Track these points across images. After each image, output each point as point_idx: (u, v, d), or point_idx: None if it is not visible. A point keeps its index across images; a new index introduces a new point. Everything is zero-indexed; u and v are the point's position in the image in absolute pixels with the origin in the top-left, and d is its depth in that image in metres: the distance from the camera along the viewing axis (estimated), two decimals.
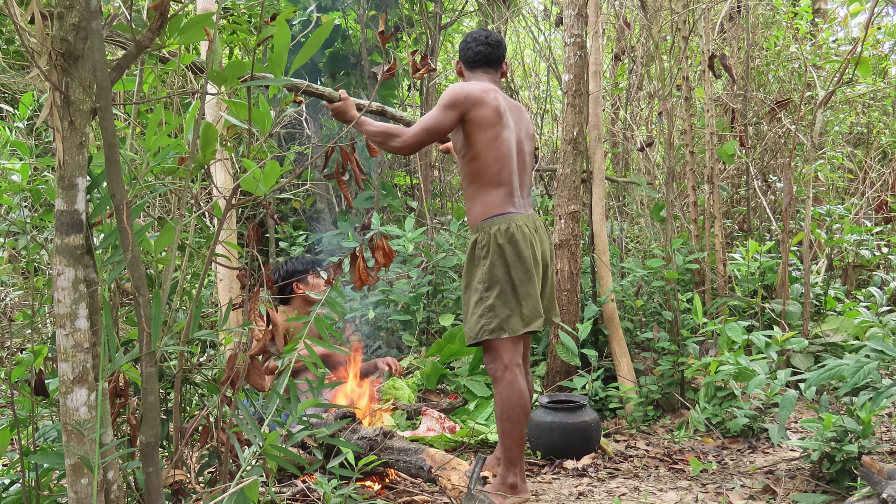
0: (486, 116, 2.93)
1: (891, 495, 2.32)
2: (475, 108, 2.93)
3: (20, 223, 2.26)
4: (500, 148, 2.95)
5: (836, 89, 4.50)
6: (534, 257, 2.94)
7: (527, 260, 2.91)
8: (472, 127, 2.94)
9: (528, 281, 2.90)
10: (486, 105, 2.93)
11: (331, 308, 2.34)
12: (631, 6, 5.83)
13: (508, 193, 2.98)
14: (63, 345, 1.65)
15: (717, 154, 4.88)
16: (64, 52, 1.60)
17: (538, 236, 3.01)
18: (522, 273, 2.90)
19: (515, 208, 2.99)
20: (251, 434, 2.08)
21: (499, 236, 2.90)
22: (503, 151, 2.96)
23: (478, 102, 2.93)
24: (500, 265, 2.89)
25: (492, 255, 2.90)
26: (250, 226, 2.32)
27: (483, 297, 2.90)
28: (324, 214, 7.06)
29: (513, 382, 2.87)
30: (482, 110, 2.93)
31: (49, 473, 2.13)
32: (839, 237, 5.44)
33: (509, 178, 2.98)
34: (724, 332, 3.88)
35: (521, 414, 2.87)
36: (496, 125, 2.94)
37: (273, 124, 2.13)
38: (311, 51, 2.00)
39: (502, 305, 2.88)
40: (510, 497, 2.84)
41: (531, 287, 2.91)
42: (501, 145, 2.95)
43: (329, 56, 7.05)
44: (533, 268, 2.92)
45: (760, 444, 3.60)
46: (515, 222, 2.93)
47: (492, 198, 2.96)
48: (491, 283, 2.89)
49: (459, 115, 2.94)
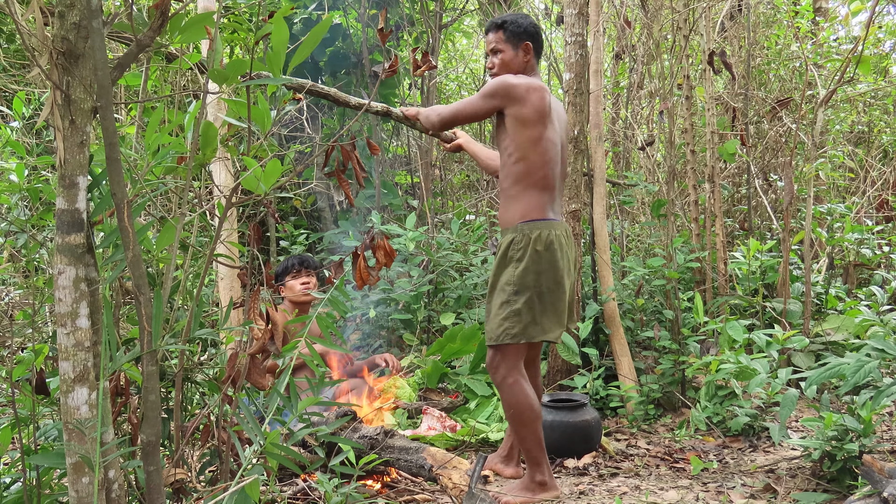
0: (528, 115, 2.85)
1: (892, 494, 2.32)
2: (517, 105, 2.86)
3: (19, 222, 2.26)
4: (547, 150, 2.88)
5: (837, 88, 4.50)
6: (567, 268, 2.91)
7: (560, 270, 2.86)
8: (514, 125, 2.86)
9: (556, 290, 2.86)
10: (529, 103, 2.85)
11: (333, 307, 2.34)
12: (632, 5, 5.83)
13: (550, 199, 2.91)
14: (64, 343, 1.65)
15: (718, 153, 4.88)
16: (65, 51, 1.60)
17: (569, 244, 2.96)
18: (553, 283, 2.85)
19: (555, 215, 2.93)
20: (252, 433, 2.08)
21: (538, 242, 2.84)
22: (550, 154, 2.89)
23: (521, 100, 2.85)
24: (533, 271, 2.84)
25: (527, 259, 2.84)
26: (251, 225, 2.32)
27: (511, 300, 2.85)
28: (325, 213, 7.06)
29: (515, 386, 2.86)
30: (525, 108, 2.85)
31: (50, 472, 2.13)
32: (840, 236, 5.44)
33: (553, 182, 2.92)
34: (724, 330, 3.88)
35: (531, 415, 2.85)
36: (538, 125, 2.86)
37: (273, 123, 2.13)
38: (310, 48, 2.00)
39: (528, 311, 2.83)
40: (539, 494, 2.85)
41: (558, 297, 2.87)
42: (548, 147, 2.88)
43: (330, 55, 7.05)
44: (564, 279, 2.88)
45: (761, 442, 3.59)
46: (555, 230, 2.88)
47: (535, 200, 2.88)
48: (521, 288, 2.84)
49: (497, 106, 2.88)
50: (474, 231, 5.57)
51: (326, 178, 3.21)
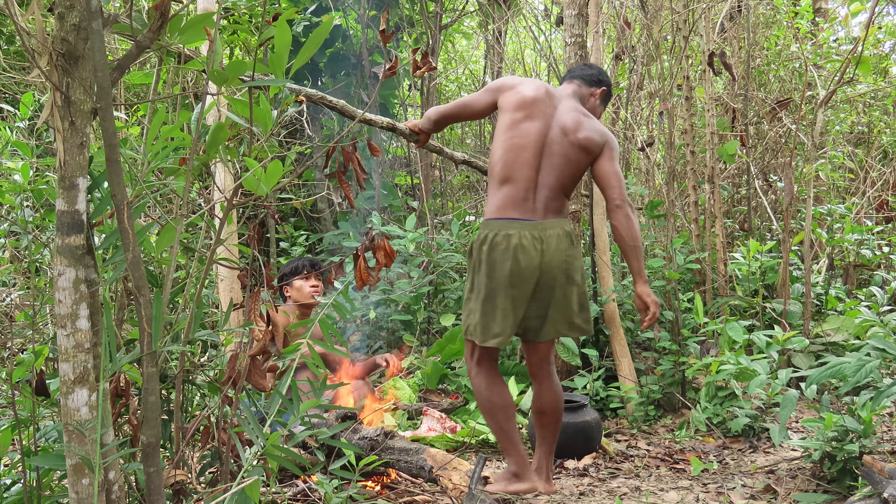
0: (507, 102, 2.88)
1: (892, 495, 2.32)
2: (503, 93, 2.91)
3: (22, 223, 2.26)
4: (507, 142, 2.83)
5: (837, 89, 4.50)
6: (515, 271, 2.75)
7: (499, 274, 2.76)
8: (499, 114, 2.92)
9: (494, 296, 2.77)
10: (514, 92, 2.88)
11: (336, 310, 2.34)
12: (631, 6, 5.83)
13: (512, 195, 2.80)
14: (64, 345, 1.65)
15: (718, 153, 4.88)
16: (65, 53, 1.60)
17: (541, 247, 2.76)
18: (490, 286, 2.78)
19: (518, 213, 2.79)
20: (252, 434, 2.08)
21: (482, 243, 2.80)
22: (516, 144, 2.82)
23: (507, 88, 2.91)
24: (473, 271, 2.86)
25: (473, 259, 2.86)
26: (251, 226, 2.32)
27: (467, 297, 2.89)
28: (325, 214, 7.06)
29: (474, 380, 2.89)
30: (507, 96, 2.89)
31: (50, 474, 2.13)
32: (840, 237, 5.44)
33: (515, 177, 2.81)
34: (725, 331, 3.88)
35: (492, 409, 2.86)
36: (514, 111, 2.85)
37: (275, 124, 2.13)
38: (311, 51, 2.00)
39: (474, 311, 2.83)
40: (513, 485, 2.86)
41: (498, 302, 2.77)
42: (515, 137, 2.82)
43: (330, 56, 7.05)
44: (506, 282, 2.75)
45: (761, 443, 3.59)
46: (505, 231, 2.77)
47: (493, 198, 2.84)
48: (471, 286, 2.87)
49: (492, 100, 2.95)
50: (474, 232, 5.57)
51: (327, 180, 3.21)
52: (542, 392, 2.98)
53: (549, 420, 2.98)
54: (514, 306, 2.79)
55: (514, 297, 2.78)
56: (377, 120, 3.27)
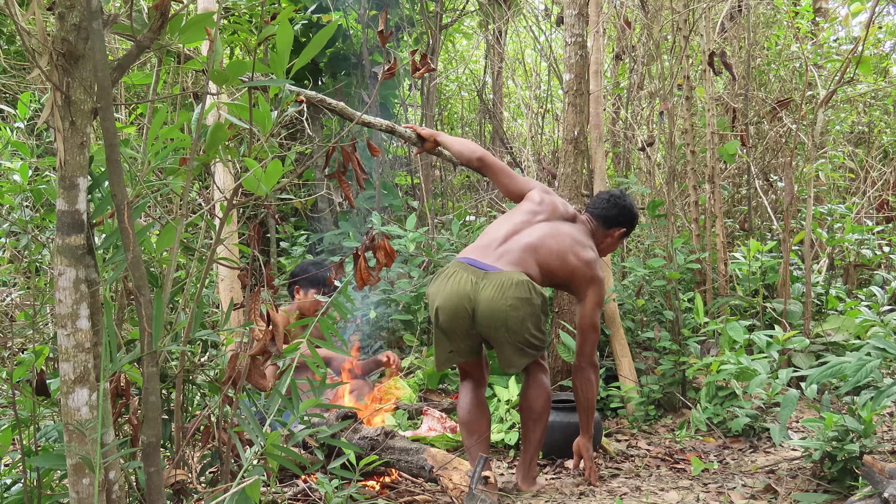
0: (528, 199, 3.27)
1: (892, 494, 2.32)
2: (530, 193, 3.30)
3: (21, 223, 2.26)
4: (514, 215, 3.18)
5: (837, 88, 4.49)
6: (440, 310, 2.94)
7: (430, 310, 3.02)
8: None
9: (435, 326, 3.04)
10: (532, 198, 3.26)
11: (337, 310, 2.34)
12: (632, 6, 5.83)
13: (478, 243, 3.08)
14: (64, 345, 1.65)
15: (719, 153, 4.88)
16: (65, 52, 1.60)
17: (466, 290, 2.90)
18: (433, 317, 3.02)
19: (473, 257, 3.00)
20: (253, 434, 2.08)
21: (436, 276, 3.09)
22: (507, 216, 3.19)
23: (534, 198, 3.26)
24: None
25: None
26: (252, 226, 2.32)
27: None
28: (325, 214, 7.06)
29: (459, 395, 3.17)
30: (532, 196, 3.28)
31: (50, 473, 2.13)
32: (840, 236, 5.44)
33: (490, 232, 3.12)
34: (725, 331, 3.88)
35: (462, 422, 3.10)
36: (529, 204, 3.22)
37: (274, 125, 2.13)
38: (314, 52, 2.00)
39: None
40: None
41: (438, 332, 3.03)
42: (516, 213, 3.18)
43: (330, 56, 7.05)
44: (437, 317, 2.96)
45: (762, 443, 3.59)
46: (449, 269, 3.00)
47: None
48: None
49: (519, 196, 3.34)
50: (474, 232, 5.56)
51: (327, 180, 3.21)
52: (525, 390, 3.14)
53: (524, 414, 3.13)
54: (448, 339, 3.01)
55: (444, 330, 2.99)
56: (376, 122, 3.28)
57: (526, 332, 2.93)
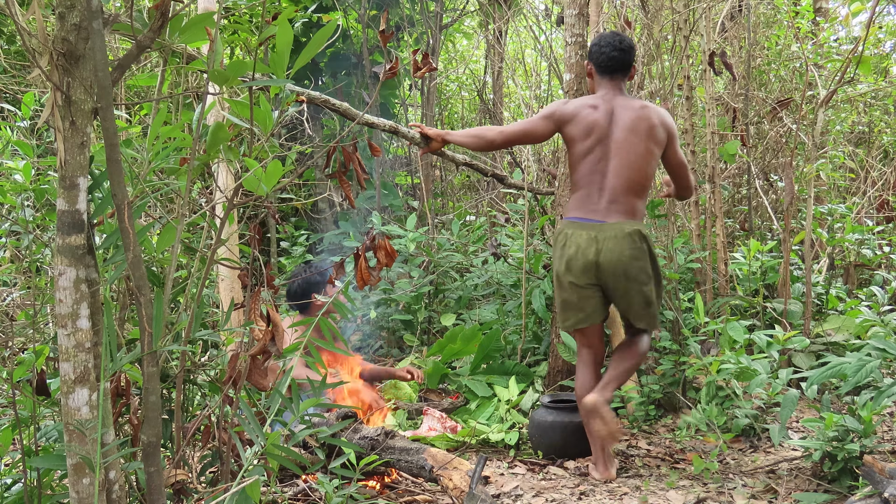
0: (574, 134, 3.19)
1: (892, 494, 2.32)
2: (567, 125, 3.21)
3: (23, 222, 2.26)
4: (586, 159, 3.16)
5: (838, 88, 4.49)
6: (569, 266, 3.13)
7: (558, 268, 3.18)
8: (566, 141, 3.26)
9: (558, 286, 3.23)
10: (578, 122, 3.18)
11: (338, 311, 2.34)
12: (632, 6, 5.83)
13: (580, 199, 3.17)
14: (64, 345, 1.65)
15: (719, 153, 4.88)
16: (65, 52, 1.60)
17: (597, 246, 3.09)
18: (555, 278, 3.25)
19: (581, 214, 3.15)
20: (253, 434, 2.08)
21: (552, 239, 3.32)
22: (588, 161, 3.16)
23: (570, 120, 3.20)
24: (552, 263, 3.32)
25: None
26: (252, 226, 2.32)
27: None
28: (325, 214, 7.06)
29: (576, 376, 3.34)
30: (572, 128, 3.19)
31: (51, 473, 2.13)
32: (841, 236, 5.43)
33: (586, 184, 3.16)
34: (725, 331, 3.88)
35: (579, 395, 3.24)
36: (585, 140, 3.16)
37: (275, 125, 2.13)
38: (314, 51, 2.00)
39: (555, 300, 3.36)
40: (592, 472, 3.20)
41: (561, 291, 3.23)
42: (587, 157, 3.16)
43: (330, 56, 7.05)
44: (564, 275, 3.16)
45: (762, 443, 3.59)
46: (569, 229, 3.16)
47: (569, 204, 3.25)
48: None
49: (553, 128, 3.26)
50: (474, 232, 5.57)
51: (327, 180, 3.22)
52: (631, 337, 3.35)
53: (617, 355, 3.32)
54: (569, 295, 3.19)
55: (566, 288, 3.19)
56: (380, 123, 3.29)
57: (649, 283, 3.19)
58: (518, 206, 5.29)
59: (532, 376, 4.19)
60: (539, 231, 5.19)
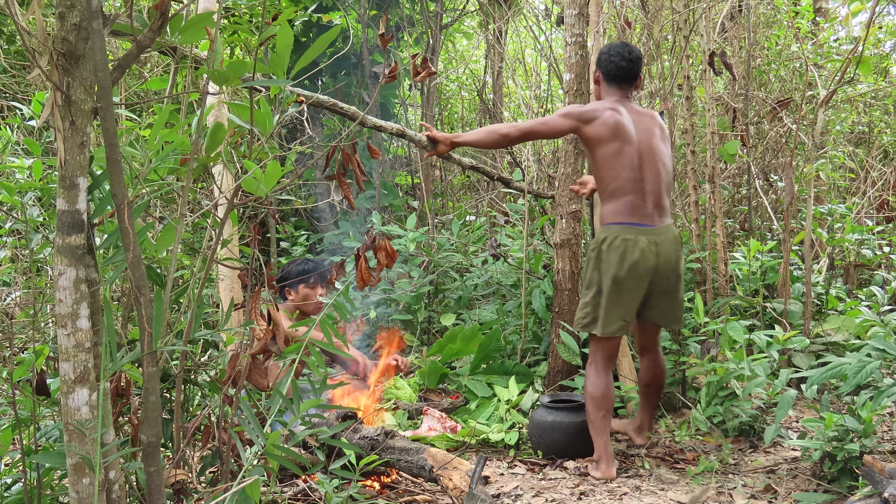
0: (600, 134, 3.21)
1: (892, 494, 2.32)
2: (587, 126, 3.23)
3: (33, 222, 2.26)
4: (619, 163, 3.20)
5: (838, 88, 4.49)
6: (633, 271, 3.16)
7: (619, 273, 3.16)
8: (589, 144, 3.26)
9: (615, 291, 3.18)
10: (598, 125, 3.21)
11: (338, 312, 2.34)
12: (632, 6, 5.83)
13: (628, 205, 3.21)
14: (64, 344, 1.65)
15: (719, 153, 4.88)
16: (65, 52, 1.60)
17: (656, 249, 3.19)
18: (611, 283, 3.17)
19: (635, 219, 3.20)
20: (253, 434, 2.08)
21: (604, 244, 3.20)
22: (623, 166, 3.20)
23: (590, 121, 3.22)
24: (595, 269, 3.24)
25: (593, 259, 3.24)
26: (252, 226, 2.32)
27: (584, 293, 3.32)
28: (325, 214, 7.06)
29: (589, 372, 3.28)
30: (594, 129, 3.21)
31: (51, 473, 2.13)
32: (841, 236, 5.43)
33: (629, 191, 3.20)
34: (725, 331, 3.88)
35: (599, 403, 3.23)
36: (612, 142, 3.20)
37: (275, 125, 2.13)
38: (315, 53, 2.00)
39: (594, 306, 3.24)
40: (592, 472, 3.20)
41: (618, 296, 3.19)
42: (620, 161, 3.20)
43: (330, 56, 7.05)
44: (625, 281, 3.16)
45: (762, 443, 3.59)
46: (627, 234, 3.17)
47: (609, 207, 3.25)
48: (589, 284, 3.27)
49: (571, 126, 3.26)
50: (474, 232, 5.57)
51: (326, 181, 3.23)
52: (649, 365, 3.50)
53: (653, 390, 3.53)
54: (625, 300, 3.20)
55: (624, 292, 3.19)
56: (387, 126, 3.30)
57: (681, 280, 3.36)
58: (518, 207, 5.28)
59: (532, 376, 4.19)
60: (539, 231, 5.19)
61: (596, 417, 3.23)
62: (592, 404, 3.23)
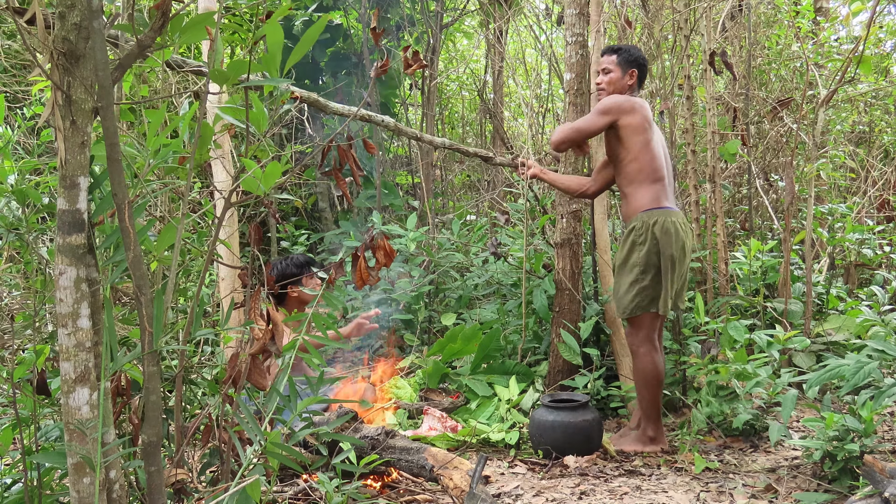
0: (638, 123, 3.45)
1: (893, 494, 2.32)
2: (627, 115, 3.46)
3: (3, 219, 2.25)
4: (654, 150, 3.47)
5: (838, 88, 4.49)
6: (683, 250, 3.44)
7: (675, 252, 3.41)
8: (626, 132, 3.47)
9: (672, 270, 3.42)
10: (637, 113, 3.46)
11: (329, 305, 2.34)
12: (632, 5, 5.83)
13: (663, 189, 3.49)
14: (65, 344, 1.65)
15: (719, 153, 4.88)
16: (66, 52, 1.60)
17: (685, 230, 3.48)
18: (669, 262, 3.40)
19: (670, 203, 3.51)
20: (253, 433, 2.08)
21: (656, 227, 3.40)
22: (657, 153, 3.49)
23: (630, 111, 3.46)
24: (654, 252, 3.41)
25: (649, 242, 3.41)
26: (252, 225, 2.32)
27: (639, 278, 3.44)
28: (325, 213, 7.06)
29: (647, 355, 3.46)
30: (634, 118, 3.45)
31: (51, 473, 2.13)
32: (841, 236, 5.43)
33: (663, 176, 3.50)
34: (725, 331, 3.88)
35: (654, 381, 3.46)
36: (646, 131, 3.46)
37: (270, 124, 2.13)
38: (306, 47, 2.00)
39: (654, 286, 3.43)
40: (648, 446, 3.46)
41: (674, 275, 3.44)
42: (654, 148, 3.48)
43: (330, 55, 7.05)
44: (678, 260, 3.43)
45: (762, 442, 3.59)
46: (671, 217, 3.43)
47: (650, 193, 3.47)
48: (647, 267, 3.43)
49: (610, 121, 3.48)
50: (475, 231, 5.57)
51: (325, 178, 3.22)
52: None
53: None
54: (677, 280, 3.47)
55: (678, 273, 3.47)
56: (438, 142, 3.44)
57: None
58: (518, 206, 5.28)
59: (532, 376, 4.19)
60: (540, 230, 5.19)
61: (657, 394, 3.46)
62: (655, 381, 3.45)
